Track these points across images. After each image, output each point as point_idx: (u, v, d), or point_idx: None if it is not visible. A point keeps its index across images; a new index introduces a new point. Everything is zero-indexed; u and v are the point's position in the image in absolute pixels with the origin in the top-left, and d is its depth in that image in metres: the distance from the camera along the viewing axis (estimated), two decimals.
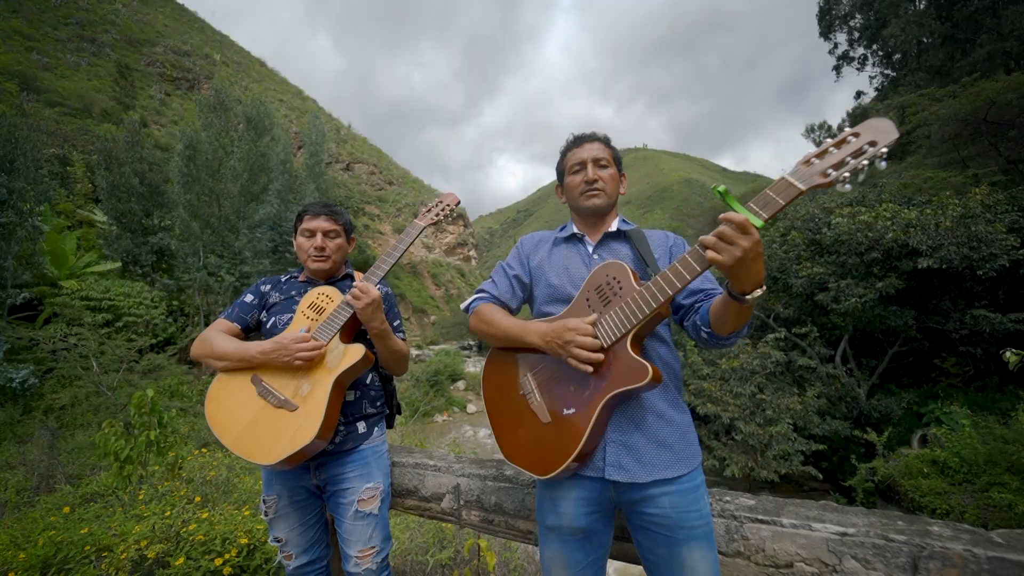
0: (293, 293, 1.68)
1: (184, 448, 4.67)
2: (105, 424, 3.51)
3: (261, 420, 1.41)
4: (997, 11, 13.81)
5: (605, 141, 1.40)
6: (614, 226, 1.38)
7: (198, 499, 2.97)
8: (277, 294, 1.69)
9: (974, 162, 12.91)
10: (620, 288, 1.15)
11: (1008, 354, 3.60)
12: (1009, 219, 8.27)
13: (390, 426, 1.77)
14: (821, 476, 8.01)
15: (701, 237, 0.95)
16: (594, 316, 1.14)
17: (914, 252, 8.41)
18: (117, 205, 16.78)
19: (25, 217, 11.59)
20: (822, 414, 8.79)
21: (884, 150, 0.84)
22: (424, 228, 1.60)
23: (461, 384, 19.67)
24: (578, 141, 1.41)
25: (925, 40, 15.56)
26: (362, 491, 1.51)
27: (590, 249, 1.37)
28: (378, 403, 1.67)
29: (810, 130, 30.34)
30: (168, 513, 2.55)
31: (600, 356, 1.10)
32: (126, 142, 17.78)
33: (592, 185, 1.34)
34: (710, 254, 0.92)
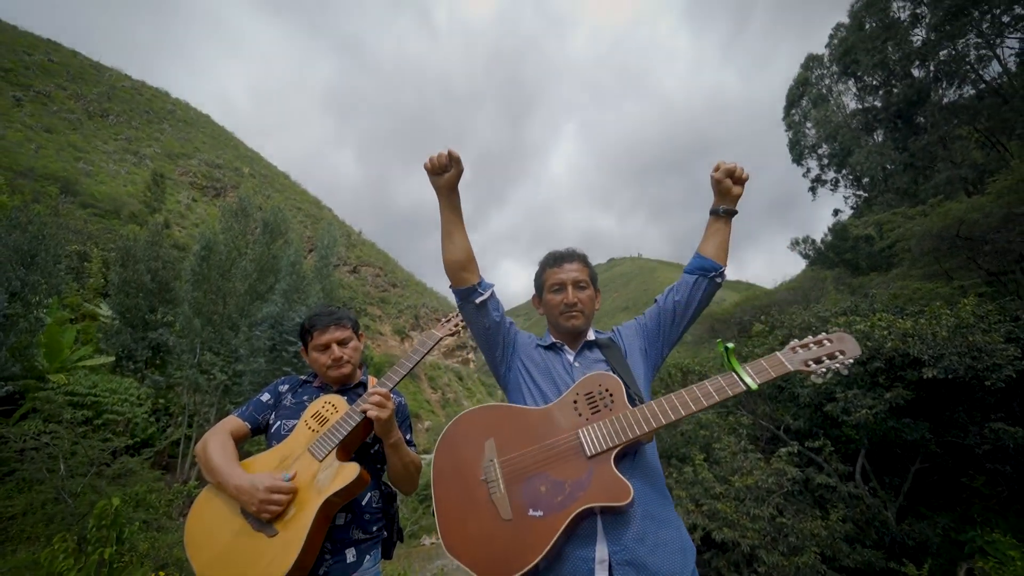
0: (305, 399, 1.62)
1: (139, 570, 4.15)
2: (56, 539, 3.16)
3: (237, 545, 1.26)
4: (946, 144, 15.51)
5: (583, 260, 1.48)
6: (591, 335, 1.47)
7: None
8: (291, 397, 1.65)
9: (957, 274, 13.40)
10: (612, 402, 1.18)
11: None
12: (1004, 329, 8.32)
13: (387, 555, 1.55)
14: None
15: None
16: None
17: (916, 362, 8.32)
18: (124, 300, 17.06)
19: (31, 309, 11.70)
20: (851, 541, 7.90)
21: (850, 361, 1.06)
22: (440, 339, 1.58)
23: None
24: (558, 260, 1.48)
25: (888, 167, 17.22)
26: None
27: (571, 359, 1.43)
28: (374, 528, 1.49)
29: (795, 243, 32.21)
30: None
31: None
32: (146, 241, 18.69)
33: (573, 308, 1.42)
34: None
